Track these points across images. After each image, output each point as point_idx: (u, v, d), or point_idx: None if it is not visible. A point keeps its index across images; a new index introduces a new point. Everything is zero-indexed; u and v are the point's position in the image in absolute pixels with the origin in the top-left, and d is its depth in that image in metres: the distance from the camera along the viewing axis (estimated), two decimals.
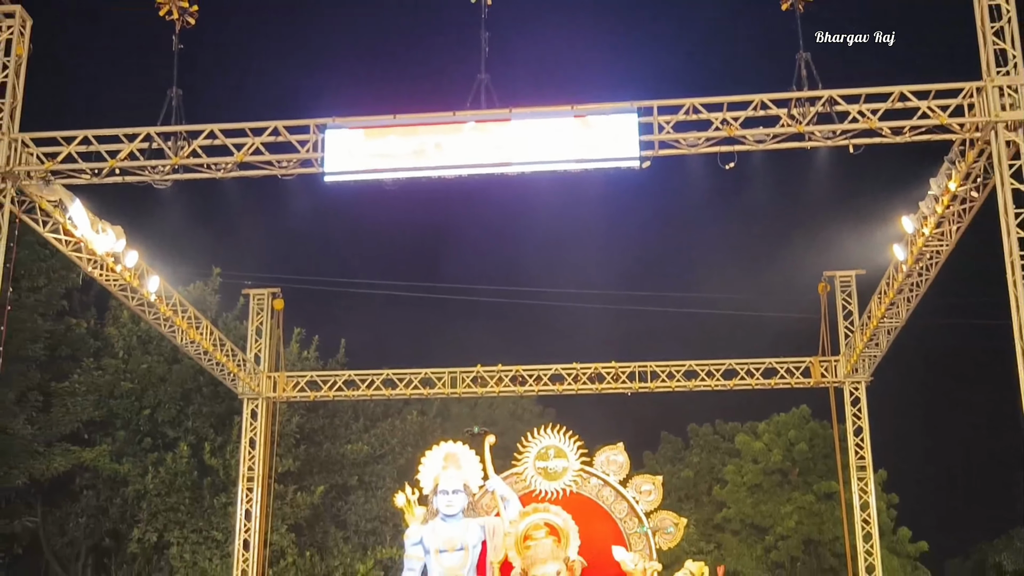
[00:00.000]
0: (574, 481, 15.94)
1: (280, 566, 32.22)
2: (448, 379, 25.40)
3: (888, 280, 21.25)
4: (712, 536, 37.68)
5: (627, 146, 16.48)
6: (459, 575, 14.68)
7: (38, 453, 32.32)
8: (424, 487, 15.79)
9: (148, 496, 33.43)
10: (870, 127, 16.04)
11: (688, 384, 24.69)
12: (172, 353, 32.80)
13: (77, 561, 34.99)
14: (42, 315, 32.72)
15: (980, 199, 17.12)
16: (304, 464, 34.80)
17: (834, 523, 32.99)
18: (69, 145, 17.15)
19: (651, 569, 15.14)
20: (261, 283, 26.91)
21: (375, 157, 16.95)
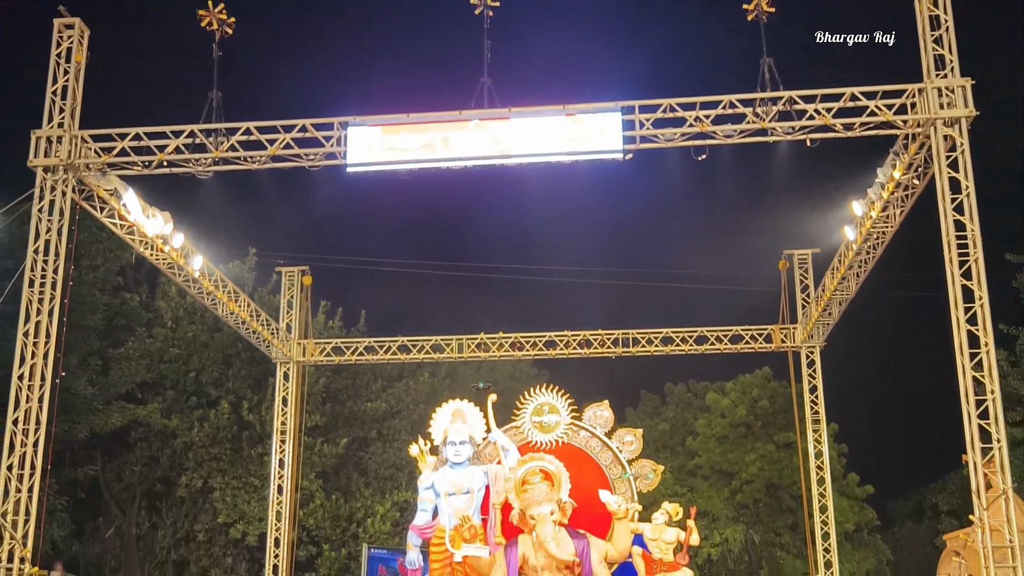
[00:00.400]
0: (565, 433, 15.97)
1: (309, 508, 32.34)
2: (455, 345, 25.44)
3: (840, 257, 21.27)
4: (686, 481, 37.82)
5: (612, 140, 16.50)
6: (466, 515, 14.71)
7: (98, 410, 32.37)
8: (435, 439, 15.82)
9: (194, 447, 33.53)
10: (825, 123, 16.04)
11: (665, 349, 24.74)
12: (214, 323, 32.82)
13: (133, 504, 35.10)
14: (100, 290, 32.72)
15: (920, 186, 17.15)
16: (330, 419, 34.90)
17: (792, 470, 33.12)
18: (123, 141, 17.13)
19: (632, 510, 15.17)
20: (292, 262, 26.88)
21: (391, 150, 16.96)
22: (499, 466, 15.46)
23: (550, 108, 16.88)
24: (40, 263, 16.76)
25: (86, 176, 17.36)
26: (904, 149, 16.72)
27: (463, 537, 14.61)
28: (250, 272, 34.93)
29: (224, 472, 33.58)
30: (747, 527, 36.94)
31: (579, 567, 14.36)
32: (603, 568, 14.58)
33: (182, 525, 34.40)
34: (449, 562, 14.89)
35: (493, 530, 15.00)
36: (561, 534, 14.48)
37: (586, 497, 15.25)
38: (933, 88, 15.67)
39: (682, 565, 15.27)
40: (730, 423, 38.66)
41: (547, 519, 14.36)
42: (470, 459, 15.31)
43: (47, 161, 16.89)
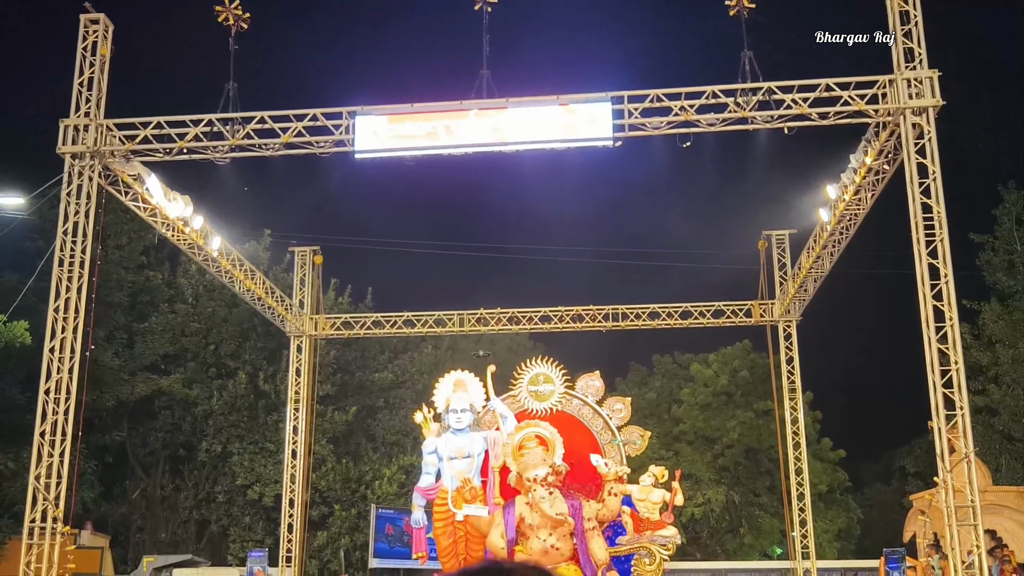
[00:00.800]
0: (559, 402, 16.02)
1: (321, 471, 32.45)
2: (457, 319, 25.46)
3: (815, 238, 21.28)
4: (671, 446, 37.91)
5: (602, 128, 16.50)
6: (467, 478, 14.79)
7: (124, 381, 32.42)
8: (438, 407, 15.87)
9: (214, 415, 33.62)
10: (801, 112, 16.03)
11: (652, 323, 24.78)
12: (232, 299, 32.81)
13: (157, 467, 35.22)
14: (125, 268, 32.76)
15: (890, 172, 17.16)
16: (340, 389, 34.97)
17: (769, 435, 33.21)
18: (145, 129, 17.10)
19: (621, 472, 15.26)
20: (304, 242, 26.88)
21: (396, 138, 16.95)
22: (497, 432, 15.54)
23: (545, 98, 16.87)
24: (69, 244, 16.76)
25: (111, 162, 17.35)
26: (875, 136, 16.73)
27: (464, 498, 14.70)
28: (265, 252, 34.91)
29: (242, 438, 33.67)
30: (728, 488, 37.06)
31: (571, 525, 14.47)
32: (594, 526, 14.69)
33: (203, 487, 34.52)
34: (451, 521, 15.00)
35: (492, 491, 15.09)
36: (555, 495, 14.59)
37: (578, 461, 15.33)
38: (903, 79, 15.66)
39: (667, 523, 15.36)
40: (712, 392, 38.73)
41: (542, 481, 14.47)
42: (471, 425, 15.39)
43: (75, 148, 16.87)
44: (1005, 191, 34.02)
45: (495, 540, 14.46)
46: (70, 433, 16.19)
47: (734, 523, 37.46)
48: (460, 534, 14.89)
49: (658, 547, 15.22)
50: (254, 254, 32.62)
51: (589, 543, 14.43)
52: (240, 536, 33.20)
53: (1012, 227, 33.80)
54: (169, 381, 33.50)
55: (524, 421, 15.59)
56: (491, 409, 15.80)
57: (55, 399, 16.27)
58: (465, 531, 14.88)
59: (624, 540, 15.20)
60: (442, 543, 15.05)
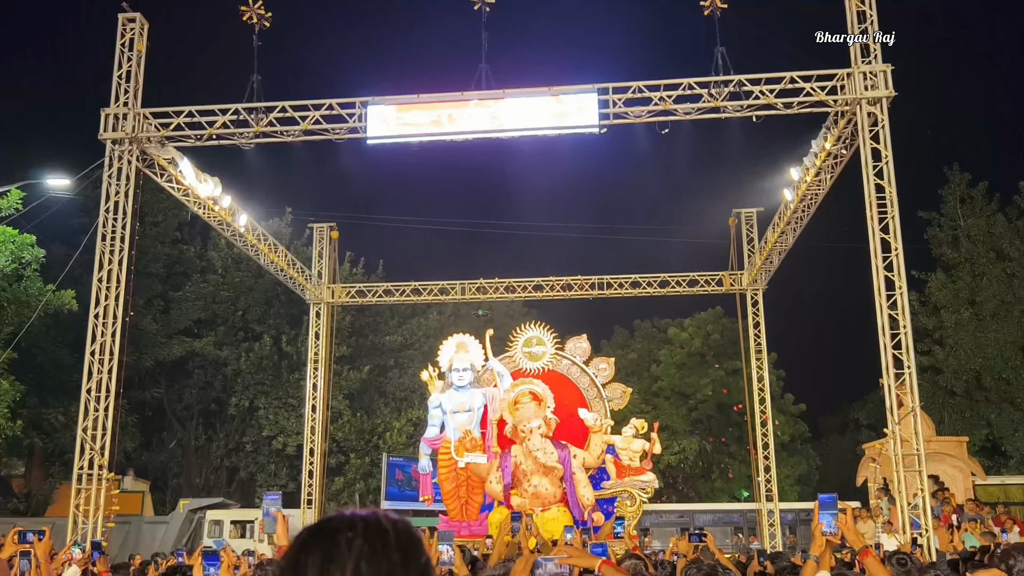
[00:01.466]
0: (550, 362, 16.08)
1: (338, 423, 32.55)
2: (459, 288, 25.42)
3: (779, 215, 21.24)
4: (650, 401, 38.02)
5: (589, 117, 16.44)
6: (468, 429, 14.90)
7: (161, 343, 32.45)
8: (442, 366, 15.93)
9: (242, 374, 33.67)
10: (768, 102, 15.97)
11: (633, 291, 24.76)
12: (257, 270, 32.77)
13: (191, 421, 35.32)
14: (161, 243, 32.72)
15: (847, 156, 17.10)
16: (355, 350, 35.02)
17: (738, 391, 33.27)
18: (178, 117, 17.02)
19: (606, 424, 15.36)
20: (322, 219, 26.79)
21: (404, 125, 16.87)
22: (495, 389, 15.63)
23: (538, 90, 16.80)
24: (110, 221, 16.73)
25: (147, 147, 17.27)
26: (834, 124, 16.67)
27: (465, 447, 14.82)
28: (287, 228, 34.82)
29: (267, 394, 33.73)
30: (701, 439, 37.20)
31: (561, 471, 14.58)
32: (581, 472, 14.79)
33: (233, 438, 34.65)
34: (454, 468, 15.12)
35: (491, 441, 15.20)
36: (546, 444, 14.69)
37: (567, 414, 15.43)
38: (859, 73, 15.60)
39: (647, 470, 15.49)
40: (688, 353, 38.78)
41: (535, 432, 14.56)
42: (471, 383, 15.47)
43: (115, 135, 16.80)
44: (950, 172, 33.98)
45: (493, 484, 14.58)
46: (113, 390, 16.23)
47: (706, 470, 37.62)
48: (462, 479, 15.02)
49: (638, 491, 15.35)
50: (277, 230, 32.56)
51: (577, 487, 14.55)
52: (266, 481, 33.36)
53: (956, 205, 33.78)
54: (202, 343, 33.49)
55: (519, 379, 15.67)
56: (489, 368, 15.87)
57: (100, 360, 16.30)
58: (466, 477, 15.01)
59: (608, 485, 15.33)
60: (446, 487, 15.18)
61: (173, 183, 18.59)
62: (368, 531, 1.47)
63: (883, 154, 15.48)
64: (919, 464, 14.78)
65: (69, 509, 15.94)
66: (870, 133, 15.57)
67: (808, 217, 20.22)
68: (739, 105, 16.08)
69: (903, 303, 15.15)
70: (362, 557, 1.43)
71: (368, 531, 1.47)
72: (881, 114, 15.53)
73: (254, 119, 16.82)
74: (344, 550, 1.44)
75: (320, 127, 16.89)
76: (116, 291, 16.58)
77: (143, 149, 17.27)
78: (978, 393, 32.98)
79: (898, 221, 15.34)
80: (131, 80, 16.99)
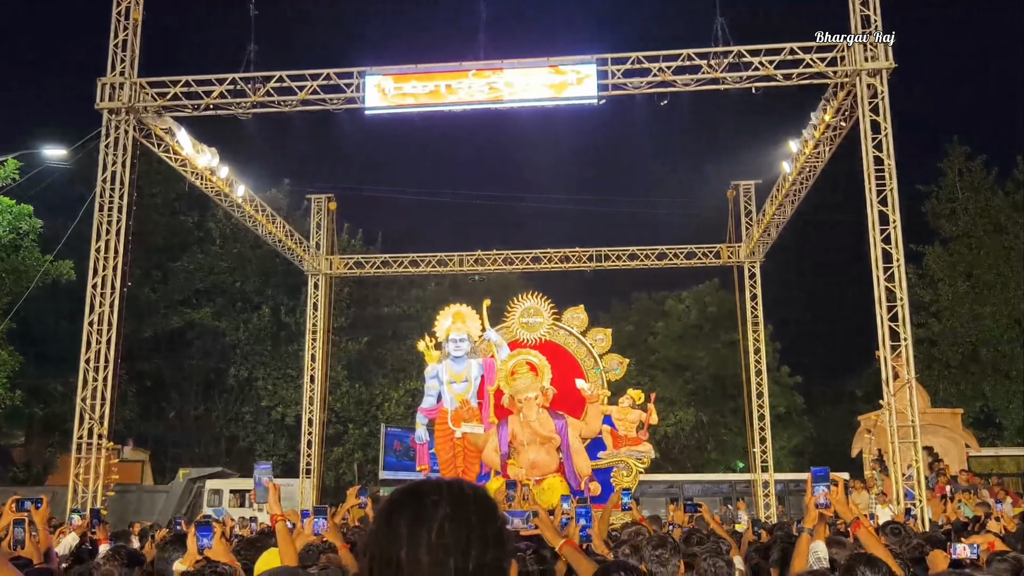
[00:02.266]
0: (547, 332, 16.09)
1: (337, 394, 32.59)
2: (457, 260, 25.39)
3: (778, 187, 21.18)
4: (647, 372, 38.10)
5: (588, 88, 16.36)
6: (465, 399, 14.93)
7: (160, 314, 32.45)
8: (439, 336, 15.93)
9: (240, 344, 33.70)
10: (768, 74, 15.88)
11: (631, 263, 24.72)
12: (255, 240, 32.58)
13: (190, 391, 35.41)
14: (160, 213, 32.61)
15: (846, 128, 17.04)
16: (353, 321, 35.01)
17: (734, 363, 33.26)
18: (175, 87, 16.91)
19: (602, 394, 15.40)
20: (320, 191, 26.69)
21: (402, 96, 16.77)
22: (492, 359, 15.64)
23: (536, 60, 16.70)
24: (108, 191, 16.67)
25: (144, 117, 17.17)
26: (834, 96, 16.58)
27: (462, 417, 14.86)
28: (285, 199, 34.66)
29: (266, 365, 33.78)
30: (697, 410, 37.33)
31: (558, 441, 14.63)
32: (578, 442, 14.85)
33: (232, 408, 34.73)
34: (450, 438, 15.17)
35: (487, 412, 15.23)
36: (543, 415, 14.73)
37: (564, 384, 15.46)
38: (859, 44, 15.49)
39: (643, 440, 15.55)
40: (684, 325, 38.88)
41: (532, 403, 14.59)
42: (468, 353, 15.48)
43: (111, 104, 16.71)
44: (949, 146, 33.88)
45: (490, 454, 14.64)
46: (112, 360, 16.24)
47: (702, 440, 37.81)
48: (458, 449, 15.07)
49: (634, 460, 15.41)
50: (275, 201, 32.41)
51: (574, 457, 14.62)
52: (265, 451, 33.47)
53: (955, 178, 33.71)
54: (200, 314, 33.47)
55: (516, 349, 15.69)
56: (487, 339, 15.88)
57: (98, 330, 16.31)
58: (463, 446, 15.06)
59: (604, 455, 15.39)
60: (442, 457, 15.23)
61: (170, 153, 18.50)
62: (452, 496, 1.64)
63: (882, 126, 15.41)
64: (914, 435, 14.84)
65: (69, 478, 15.99)
66: (869, 105, 15.48)
67: (806, 189, 20.17)
68: (738, 76, 15.98)
69: (900, 275, 15.14)
70: (446, 519, 1.60)
71: (452, 496, 1.64)
72: (881, 86, 15.44)
73: (251, 89, 16.70)
74: (430, 511, 1.60)
75: (317, 97, 16.79)
76: (114, 262, 16.55)
77: (140, 119, 17.16)
78: (973, 365, 33.09)
79: (896, 194, 15.29)
80: (127, 49, 16.85)
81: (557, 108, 16.91)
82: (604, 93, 16.39)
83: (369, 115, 16.86)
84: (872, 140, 15.42)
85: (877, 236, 15.27)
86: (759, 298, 24.32)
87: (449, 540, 1.58)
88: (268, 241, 23.90)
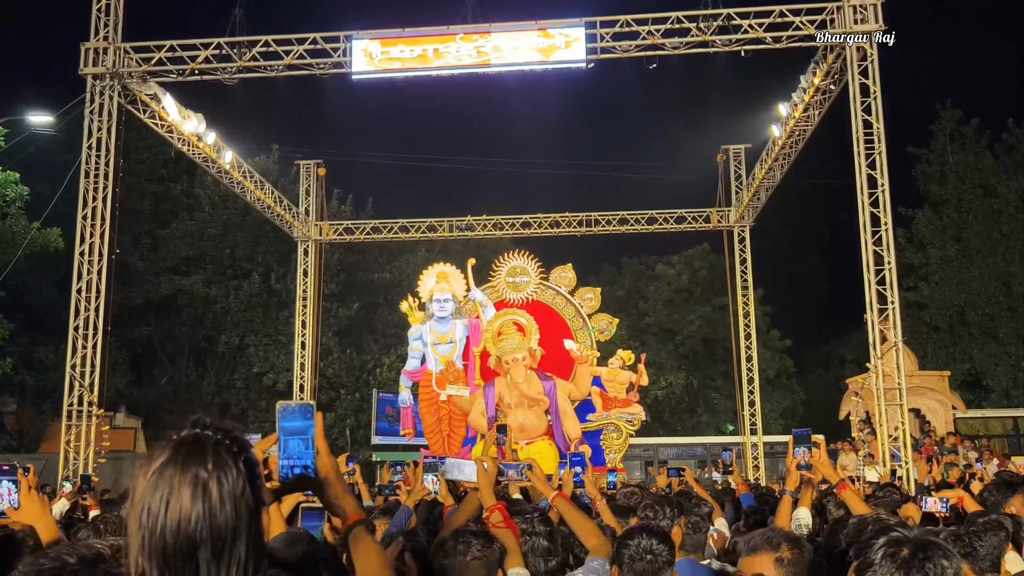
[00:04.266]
0: (535, 292, 16.04)
1: (328, 360, 32.62)
2: (447, 225, 25.31)
3: (767, 151, 21.12)
4: (638, 337, 38.13)
5: (577, 52, 16.25)
6: (450, 361, 14.92)
7: (149, 281, 32.37)
8: (422, 297, 15.90)
9: (231, 312, 33.66)
10: (757, 37, 15.79)
11: (621, 228, 24.68)
12: (245, 207, 32.40)
13: (182, 358, 35.37)
14: (147, 180, 32.43)
15: (836, 92, 16.94)
16: (344, 288, 35.00)
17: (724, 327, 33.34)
18: (160, 52, 16.75)
19: (592, 355, 15.42)
20: (308, 157, 26.51)
21: (389, 60, 16.65)
22: (478, 320, 15.61)
23: (524, 23, 16.56)
24: (93, 158, 16.57)
25: (129, 82, 17.00)
26: (823, 59, 16.51)
27: (447, 379, 14.87)
28: (274, 165, 34.45)
29: (257, 331, 33.76)
30: (687, 374, 37.49)
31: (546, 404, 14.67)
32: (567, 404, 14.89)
33: (224, 375, 34.71)
34: (435, 401, 15.15)
35: (473, 374, 15.24)
36: (531, 376, 14.74)
37: (553, 345, 15.46)
38: (849, 5, 15.40)
39: (633, 402, 15.59)
40: (675, 290, 38.92)
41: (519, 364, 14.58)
42: (453, 314, 15.44)
43: (95, 70, 16.55)
44: (942, 108, 33.81)
45: (476, 417, 14.65)
46: (101, 327, 16.21)
47: (692, 404, 38.00)
48: (444, 412, 15.07)
49: (625, 423, 15.48)
50: (264, 167, 32.25)
51: (563, 420, 14.65)
52: (258, 417, 33.51)
53: (946, 142, 33.70)
54: (190, 281, 33.39)
55: (503, 310, 15.65)
56: (472, 299, 15.84)
57: (86, 297, 16.27)
58: (448, 410, 15.06)
59: (593, 417, 15.44)
60: (427, 420, 15.24)
61: (156, 120, 18.33)
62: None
63: (871, 89, 15.36)
64: (900, 398, 14.94)
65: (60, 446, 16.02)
66: (859, 68, 15.42)
67: (796, 153, 20.12)
68: (727, 39, 15.88)
69: (888, 239, 15.16)
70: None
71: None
72: (871, 48, 15.37)
73: (237, 54, 16.55)
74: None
75: (304, 62, 16.64)
76: (101, 228, 16.47)
77: (125, 85, 16.99)
78: (961, 328, 33.30)
79: (885, 157, 15.27)
80: (111, 14, 16.65)
81: (545, 72, 16.78)
82: (592, 57, 16.29)
83: (356, 79, 16.72)
84: (861, 104, 15.38)
85: (865, 200, 15.27)
86: (748, 262, 24.32)
87: None
88: (257, 208, 23.76)
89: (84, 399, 16.00)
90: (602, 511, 5.19)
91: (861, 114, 15.34)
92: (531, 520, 3.81)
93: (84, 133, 16.54)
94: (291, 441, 2.00)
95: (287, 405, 2.03)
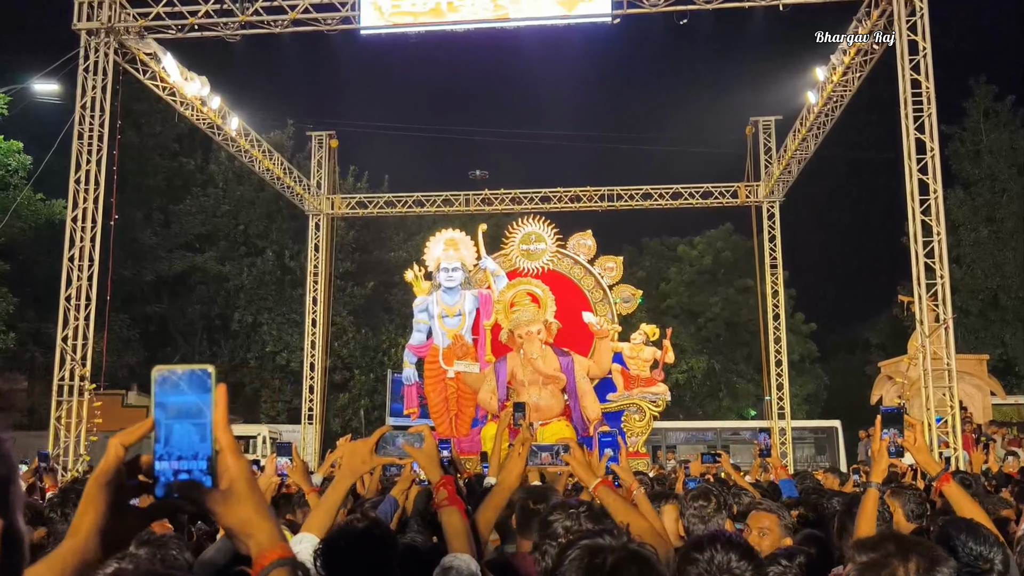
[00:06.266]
0: (551, 260, 14.74)
1: (343, 340, 31.70)
2: (463, 199, 24.07)
3: (801, 120, 19.66)
4: (658, 319, 36.68)
5: (602, 4, 14.87)
6: (458, 335, 13.65)
7: (162, 257, 31.56)
8: (429, 265, 14.73)
9: (244, 289, 32.81)
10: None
11: (644, 203, 23.27)
12: (259, 183, 31.40)
13: (195, 336, 34.52)
14: (160, 155, 31.55)
15: (879, 52, 15.51)
16: (359, 266, 34.08)
17: (748, 309, 32.24)
18: (158, 6, 15.54)
19: (613, 330, 14.10)
20: (321, 127, 25.35)
21: (400, 14, 15.35)
22: (489, 291, 14.36)
23: None
24: (87, 118, 15.49)
25: (126, 39, 15.79)
26: (867, 16, 15.07)
27: (455, 355, 13.59)
28: (289, 140, 33.40)
29: (270, 310, 32.92)
30: (709, 357, 36.42)
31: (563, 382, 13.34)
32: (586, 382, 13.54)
33: (237, 353, 33.82)
34: (442, 378, 13.84)
35: (483, 349, 13.94)
36: (547, 351, 13.41)
37: (570, 318, 14.14)
38: None
39: (658, 380, 14.25)
40: (697, 271, 37.97)
41: (534, 337, 13.26)
42: (462, 284, 14.20)
43: (89, 24, 15.42)
44: (976, 84, 32.21)
45: (485, 396, 13.32)
46: (95, 298, 15.10)
47: (714, 388, 36.95)
48: (451, 391, 13.76)
49: (648, 403, 14.15)
50: (279, 143, 31.19)
51: (581, 399, 13.31)
52: (270, 397, 32.75)
53: (980, 119, 32.14)
54: (203, 258, 32.58)
55: (516, 279, 14.35)
56: (483, 267, 14.58)
57: (79, 266, 15.17)
58: (456, 388, 13.74)
59: (614, 396, 14.10)
60: (433, 400, 13.92)
61: (157, 80, 17.13)
62: None
63: (920, 46, 13.94)
64: (950, 380, 13.60)
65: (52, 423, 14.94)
66: (907, 23, 13.99)
67: (833, 122, 18.69)
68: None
69: (937, 208, 13.77)
70: None
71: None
72: (920, 1, 13.92)
73: (239, 8, 15.28)
74: None
75: (310, 16, 15.35)
76: (95, 193, 15.34)
77: (121, 41, 15.78)
78: (993, 312, 31.98)
79: (935, 120, 13.88)
80: None
81: (568, 29, 15.42)
82: (619, 11, 14.89)
83: (365, 35, 15.44)
84: (909, 61, 13.96)
85: (913, 166, 13.86)
86: (778, 240, 22.92)
87: None
88: (265, 179, 22.56)
89: (76, 373, 14.90)
90: (640, 502, 4.03)
91: (910, 73, 13.91)
92: (576, 516, 3.02)
93: (77, 92, 15.41)
94: (176, 427, 1.24)
95: (170, 371, 1.26)
